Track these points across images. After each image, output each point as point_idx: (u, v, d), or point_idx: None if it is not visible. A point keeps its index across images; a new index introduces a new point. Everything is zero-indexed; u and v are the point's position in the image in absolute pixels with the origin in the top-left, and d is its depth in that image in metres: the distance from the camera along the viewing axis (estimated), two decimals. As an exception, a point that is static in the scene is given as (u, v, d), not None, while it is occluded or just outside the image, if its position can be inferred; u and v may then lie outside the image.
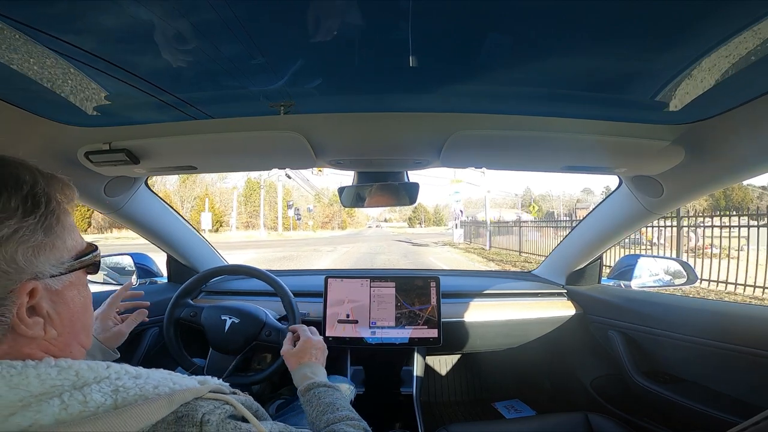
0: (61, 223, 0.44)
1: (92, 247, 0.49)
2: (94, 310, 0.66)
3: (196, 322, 1.25)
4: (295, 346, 0.93)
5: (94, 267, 0.50)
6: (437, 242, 22.76)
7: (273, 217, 36.46)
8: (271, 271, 1.42)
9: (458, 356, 2.01)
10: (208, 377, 0.51)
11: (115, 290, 0.99)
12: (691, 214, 7.32)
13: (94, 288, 1.48)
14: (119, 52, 0.66)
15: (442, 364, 2.02)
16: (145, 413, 0.38)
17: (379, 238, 28.19)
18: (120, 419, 0.37)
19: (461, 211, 22.37)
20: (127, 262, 1.60)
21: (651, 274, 1.55)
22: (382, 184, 1.20)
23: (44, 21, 0.57)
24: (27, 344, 0.40)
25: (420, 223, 66.94)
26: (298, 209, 35.00)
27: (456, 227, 21.62)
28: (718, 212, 6.85)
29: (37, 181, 0.42)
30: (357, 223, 59.12)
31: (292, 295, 1.25)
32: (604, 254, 1.57)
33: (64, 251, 0.44)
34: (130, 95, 0.77)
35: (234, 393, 0.51)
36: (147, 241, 1.50)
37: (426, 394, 1.96)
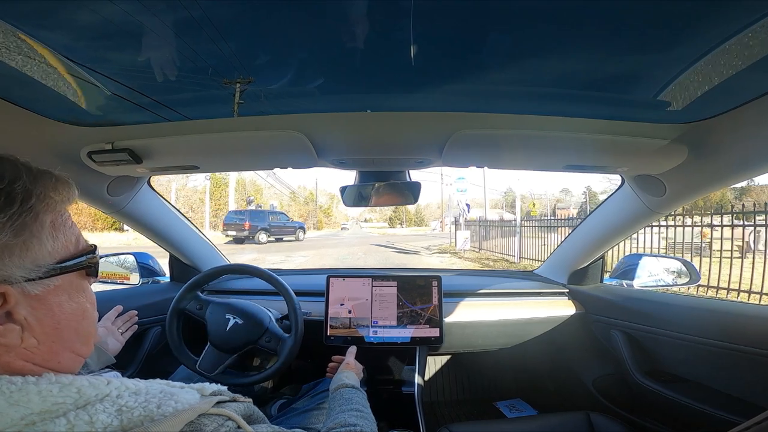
0: (40, 222, 0.40)
1: (89, 248, 0.46)
2: (99, 315, 0.63)
3: (200, 316, 1.27)
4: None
5: (92, 270, 0.46)
6: (429, 247, 16.35)
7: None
8: (273, 270, 1.42)
9: (460, 355, 2.01)
10: (206, 384, 0.50)
11: (120, 289, 1.00)
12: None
13: (102, 287, 1.48)
14: (120, 52, 0.66)
15: (444, 363, 2.02)
16: None
17: (353, 241, 21.93)
18: None
19: (467, 206, 15.01)
20: (130, 261, 1.61)
21: (653, 273, 1.55)
22: (384, 183, 1.20)
23: (37, 22, 0.57)
24: (4, 352, 0.38)
25: (401, 224, 63.16)
26: (259, 206, 29.17)
27: (460, 227, 14.37)
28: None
29: (19, 177, 0.39)
30: (334, 224, 52.83)
31: (294, 294, 1.26)
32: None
33: (42, 253, 0.40)
34: (135, 95, 0.78)
35: (234, 399, 0.51)
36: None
37: (427, 394, 1.96)
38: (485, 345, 1.61)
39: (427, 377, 1.96)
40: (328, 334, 1.36)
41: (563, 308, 1.55)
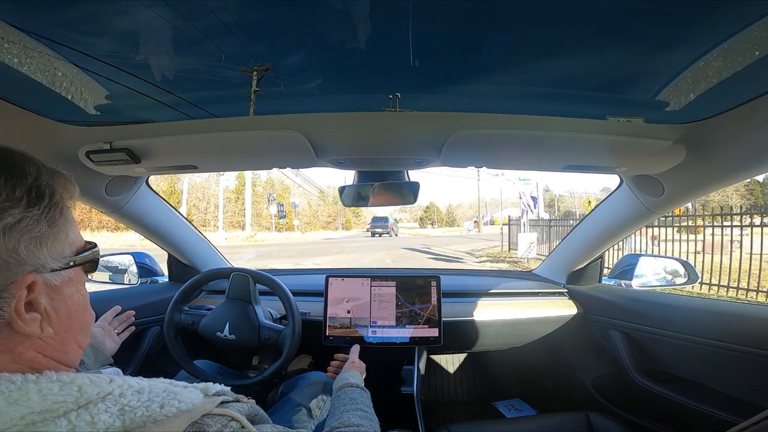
0: (64, 217, 0.43)
1: (91, 245, 0.48)
2: (97, 315, 0.64)
3: (194, 330, 1.27)
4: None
5: (93, 264, 0.49)
6: (473, 252, 13.19)
7: (268, 215, 30.15)
8: (272, 270, 1.42)
9: (459, 355, 2.01)
10: (210, 384, 0.50)
11: (119, 289, 1.00)
12: None
13: (100, 287, 1.48)
14: (124, 52, 0.66)
15: (443, 363, 2.02)
16: None
17: (380, 244, 19.20)
18: None
19: (534, 200, 11.35)
20: (128, 261, 1.60)
21: (652, 273, 1.55)
22: (383, 183, 1.20)
23: (51, 26, 0.57)
24: (21, 342, 0.39)
25: (432, 224, 60.72)
26: (281, 205, 28.88)
27: (522, 228, 10.89)
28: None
29: (41, 174, 0.41)
30: (363, 224, 48.04)
31: (291, 294, 1.26)
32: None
33: (66, 245, 0.43)
34: (133, 95, 0.78)
35: (238, 400, 0.50)
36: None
37: (426, 394, 1.95)
38: (484, 345, 1.61)
39: (426, 377, 1.96)
40: (327, 334, 1.36)
41: (562, 308, 1.55)
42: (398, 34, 0.61)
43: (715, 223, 5.82)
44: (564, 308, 1.55)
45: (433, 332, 1.36)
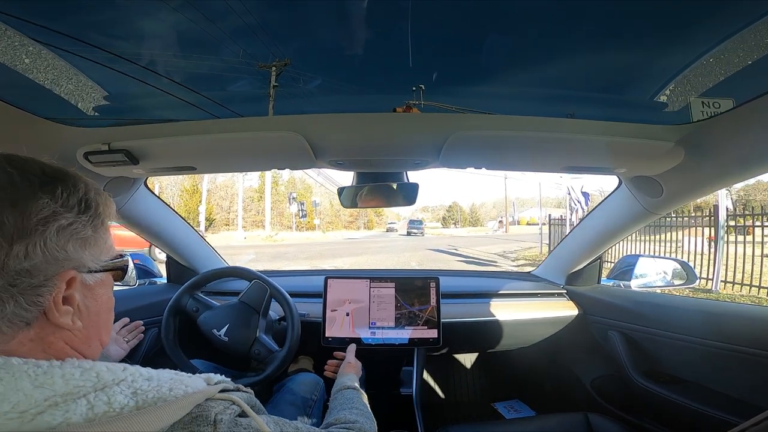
0: (104, 227, 0.49)
1: (121, 255, 0.53)
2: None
3: (193, 319, 1.27)
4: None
5: (123, 272, 0.54)
6: (506, 254, 11.93)
7: (289, 214, 30.29)
8: (271, 271, 1.42)
9: (458, 357, 2.01)
10: (212, 374, 0.53)
11: (117, 290, 1.01)
12: None
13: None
14: (128, 48, 0.66)
15: (442, 364, 2.02)
16: (165, 414, 0.41)
17: (403, 244, 17.55)
18: (143, 419, 0.39)
19: (586, 196, 9.92)
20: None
21: (651, 274, 1.55)
22: (381, 184, 1.20)
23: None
24: (52, 332, 0.43)
25: (455, 224, 60.36)
26: (302, 204, 28.57)
27: (569, 229, 5.28)
28: None
29: (90, 190, 0.48)
30: (386, 224, 47.08)
31: (290, 298, 1.27)
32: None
33: (103, 250, 0.48)
34: (132, 96, 0.77)
35: (237, 388, 0.54)
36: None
37: (426, 395, 1.95)
38: (484, 346, 1.61)
39: (425, 378, 1.96)
40: (327, 335, 1.36)
41: (561, 309, 1.55)
42: (397, 35, 0.61)
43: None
44: (563, 309, 1.55)
45: (432, 333, 1.36)
